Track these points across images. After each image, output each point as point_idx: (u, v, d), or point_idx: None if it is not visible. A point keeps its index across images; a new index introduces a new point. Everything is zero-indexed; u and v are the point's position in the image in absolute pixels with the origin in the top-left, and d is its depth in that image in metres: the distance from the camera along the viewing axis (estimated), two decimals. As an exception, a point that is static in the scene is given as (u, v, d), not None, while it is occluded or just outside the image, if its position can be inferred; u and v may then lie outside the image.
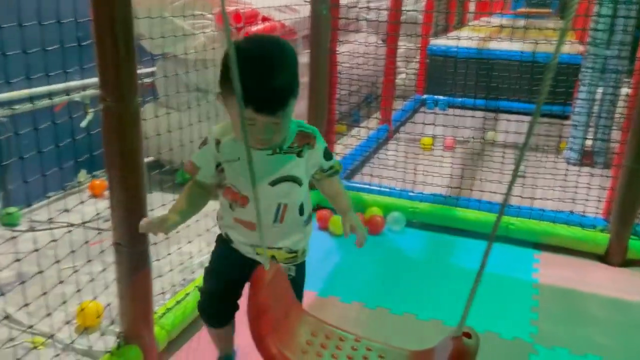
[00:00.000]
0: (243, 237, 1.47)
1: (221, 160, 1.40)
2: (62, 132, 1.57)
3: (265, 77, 1.21)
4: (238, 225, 1.46)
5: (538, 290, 2.45)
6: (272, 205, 1.40)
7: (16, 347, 1.53)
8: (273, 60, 1.23)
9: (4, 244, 2.44)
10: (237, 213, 1.44)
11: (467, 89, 4.09)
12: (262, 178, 1.36)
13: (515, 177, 1.09)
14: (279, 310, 1.29)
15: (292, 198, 1.41)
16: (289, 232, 1.46)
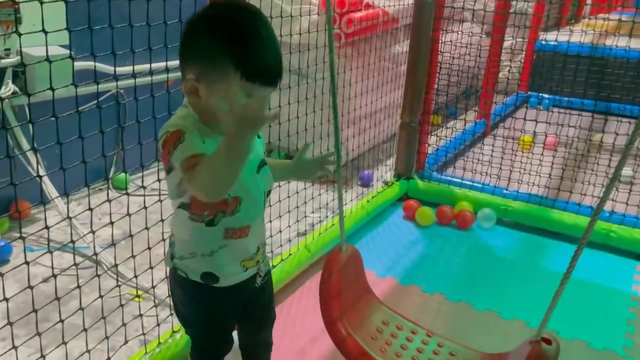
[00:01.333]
0: (232, 255, 1.23)
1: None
2: (173, 107, 1.68)
3: (267, 48, 1.09)
4: (229, 243, 1.21)
5: (636, 303, 2.29)
6: (261, 194, 1.23)
7: (120, 297, 1.68)
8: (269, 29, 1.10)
9: (112, 205, 2.66)
10: (225, 224, 1.19)
11: (576, 88, 3.86)
12: (250, 167, 1.18)
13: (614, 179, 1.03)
14: (351, 294, 1.29)
15: (269, 182, 1.27)
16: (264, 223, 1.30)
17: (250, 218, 1.21)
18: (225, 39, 1.06)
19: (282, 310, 2.12)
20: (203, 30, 1.09)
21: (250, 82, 1.07)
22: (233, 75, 1.06)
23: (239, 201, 1.17)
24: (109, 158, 2.96)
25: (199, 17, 1.11)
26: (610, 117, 3.31)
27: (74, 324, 1.61)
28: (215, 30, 1.07)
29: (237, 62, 1.06)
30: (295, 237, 2.56)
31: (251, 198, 1.19)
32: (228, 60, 1.06)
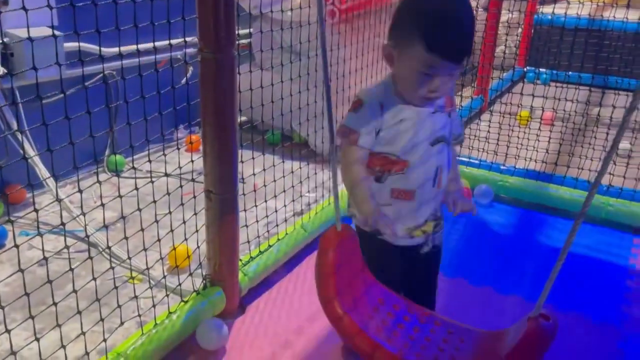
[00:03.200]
0: (398, 215, 1.36)
1: (383, 126, 1.30)
2: (163, 89, 1.66)
3: (453, 23, 1.20)
4: (396, 201, 1.34)
5: (634, 277, 2.29)
6: (432, 167, 1.34)
7: (115, 279, 1.68)
8: (459, 8, 1.22)
9: (107, 187, 2.64)
10: (391, 183, 1.33)
11: (573, 61, 3.82)
12: (424, 136, 1.31)
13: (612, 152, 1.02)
14: (347, 273, 1.27)
15: (445, 160, 1.36)
16: (439, 200, 1.41)
17: (417, 184, 1.33)
18: (419, 11, 1.21)
19: (279, 290, 2.12)
20: (407, 2, 1.26)
21: (431, 54, 1.18)
22: (418, 45, 1.19)
23: (406, 164, 1.31)
24: (103, 140, 2.93)
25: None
26: (607, 90, 3.27)
27: (71, 307, 1.61)
28: (415, 3, 1.24)
29: (424, 33, 1.18)
30: (292, 216, 2.55)
31: (420, 165, 1.31)
32: (416, 31, 1.19)
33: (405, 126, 1.31)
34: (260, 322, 1.93)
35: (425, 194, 1.35)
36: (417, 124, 1.31)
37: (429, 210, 1.39)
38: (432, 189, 1.36)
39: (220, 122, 1.66)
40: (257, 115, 2.43)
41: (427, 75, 1.23)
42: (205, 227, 1.83)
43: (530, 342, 1.09)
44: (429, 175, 1.34)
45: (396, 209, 1.36)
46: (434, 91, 1.25)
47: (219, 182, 1.73)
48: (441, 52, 1.19)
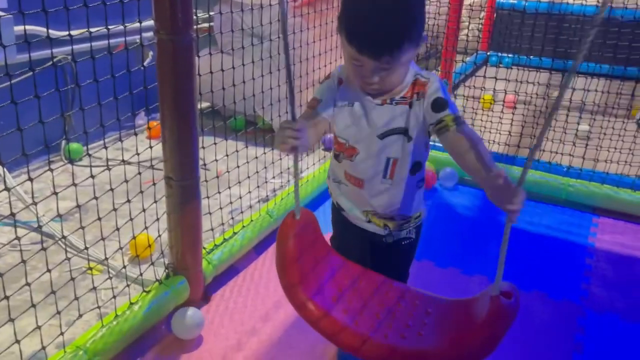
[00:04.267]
0: (353, 198, 1.39)
1: (338, 102, 1.30)
2: (121, 75, 1.60)
3: (372, 17, 1.12)
4: (347, 184, 1.37)
5: (593, 255, 2.35)
6: (381, 157, 1.30)
7: (72, 270, 1.62)
8: (386, 2, 1.12)
9: (65, 176, 2.55)
10: (345, 166, 1.35)
11: (534, 45, 3.87)
12: (370, 130, 1.28)
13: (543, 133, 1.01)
14: (310, 259, 1.25)
15: (403, 153, 1.29)
16: (399, 193, 1.34)
17: (364, 174, 1.33)
18: (346, 4, 1.18)
19: (245, 277, 2.09)
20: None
21: (350, 46, 1.15)
22: (343, 36, 1.17)
23: (355, 151, 1.32)
24: (59, 128, 2.83)
25: None
26: (566, 72, 3.33)
27: (26, 300, 1.55)
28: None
29: (344, 25, 1.17)
30: (257, 203, 2.52)
31: (367, 156, 1.30)
32: (341, 22, 1.17)
33: (350, 112, 1.29)
34: (226, 311, 1.91)
35: (375, 184, 1.33)
36: (362, 114, 1.28)
37: (384, 200, 1.35)
38: (383, 180, 1.32)
39: (179, 106, 1.61)
40: (220, 100, 2.38)
41: (357, 66, 1.19)
42: (167, 214, 1.78)
43: (493, 322, 1.09)
44: (378, 167, 1.31)
45: (351, 191, 1.38)
46: (369, 83, 1.20)
47: (179, 168, 1.68)
48: (357, 46, 1.14)
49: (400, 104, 1.25)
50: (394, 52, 1.13)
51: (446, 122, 1.20)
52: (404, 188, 1.34)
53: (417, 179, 1.35)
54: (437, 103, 1.22)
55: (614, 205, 2.67)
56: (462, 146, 1.16)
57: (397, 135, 1.27)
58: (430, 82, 1.24)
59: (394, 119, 1.26)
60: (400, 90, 1.25)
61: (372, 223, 1.39)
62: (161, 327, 1.78)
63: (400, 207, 1.36)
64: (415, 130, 1.27)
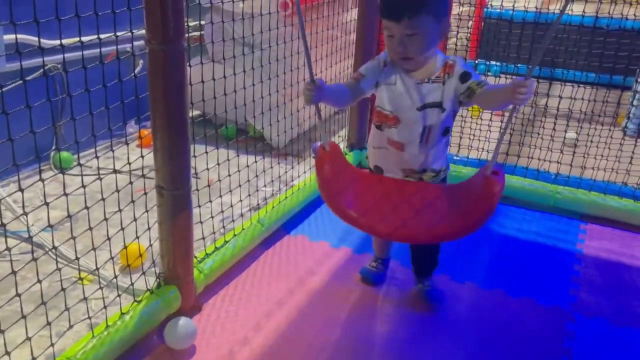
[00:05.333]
0: (393, 159, 1.69)
1: (380, 81, 1.62)
2: (111, 84, 1.59)
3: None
4: (389, 148, 1.68)
5: (581, 261, 2.38)
6: (418, 126, 1.62)
7: (62, 281, 1.61)
8: None
9: (55, 185, 2.54)
10: (388, 133, 1.66)
11: (522, 54, 3.91)
12: (411, 103, 1.60)
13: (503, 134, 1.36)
14: (342, 180, 1.57)
15: (437, 121, 1.61)
16: (433, 153, 1.66)
17: (405, 139, 1.65)
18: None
19: (236, 286, 2.09)
20: None
21: (381, 16, 1.52)
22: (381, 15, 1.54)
23: (397, 120, 1.64)
24: (49, 137, 2.82)
25: None
26: (554, 81, 3.37)
27: (16, 311, 1.54)
28: None
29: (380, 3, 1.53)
30: (248, 211, 2.52)
31: (408, 125, 1.62)
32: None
33: (394, 89, 1.61)
34: (217, 320, 1.90)
35: (414, 148, 1.65)
36: (404, 91, 1.60)
37: (420, 161, 1.67)
38: (420, 145, 1.64)
39: (171, 116, 1.61)
40: (211, 109, 2.38)
41: (389, 37, 1.52)
42: (158, 224, 1.78)
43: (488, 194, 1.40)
44: (417, 133, 1.62)
45: (392, 154, 1.68)
46: (397, 50, 1.51)
47: (171, 177, 1.68)
48: (383, 13, 1.50)
49: (435, 82, 1.59)
50: (412, 16, 1.46)
51: (472, 87, 1.55)
52: (436, 148, 1.67)
53: (445, 140, 1.70)
54: (464, 76, 1.57)
55: (601, 212, 2.70)
56: (486, 98, 1.52)
57: (433, 108, 1.60)
58: (456, 62, 1.59)
59: (430, 95, 1.59)
60: (434, 72, 1.59)
61: (409, 178, 1.70)
62: (153, 337, 1.77)
63: (432, 163, 1.69)
64: (448, 103, 1.60)
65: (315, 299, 2.04)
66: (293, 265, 2.24)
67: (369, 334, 1.87)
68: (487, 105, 1.57)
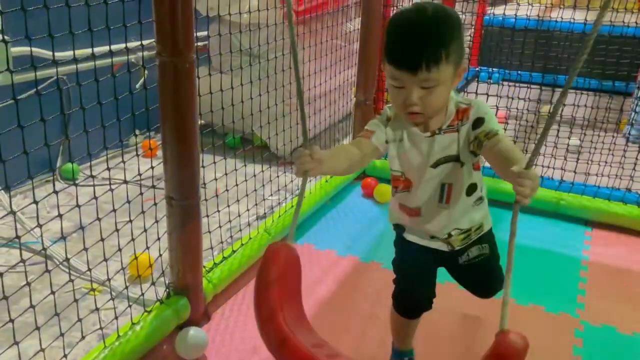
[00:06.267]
0: (412, 224, 1.47)
1: (388, 138, 1.37)
2: (119, 94, 1.61)
3: (408, 32, 1.20)
4: (406, 214, 1.45)
5: (587, 268, 2.39)
6: (435, 185, 1.37)
7: (74, 291, 1.62)
8: (422, 19, 1.21)
9: (62, 197, 2.55)
10: (400, 198, 1.43)
11: (524, 61, 3.95)
12: (422, 160, 1.35)
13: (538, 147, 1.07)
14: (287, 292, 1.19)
15: (457, 178, 1.36)
16: (457, 215, 1.41)
17: (420, 202, 1.40)
18: (388, 23, 1.26)
19: (244, 295, 2.10)
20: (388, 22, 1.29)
21: (390, 64, 1.22)
22: (384, 57, 1.24)
23: (409, 183, 1.39)
24: (55, 148, 2.84)
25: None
26: (557, 88, 3.39)
27: (28, 322, 1.55)
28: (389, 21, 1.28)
29: (385, 44, 1.24)
30: (255, 220, 2.54)
31: (422, 186, 1.37)
32: (384, 49, 1.24)
33: (402, 146, 1.37)
34: (226, 329, 1.91)
35: (431, 210, 1.40)
36: (413, 147, 1.36)
37: (443, 223, 1.42)
38: (438, 205, 1.40)
39: (181, 127, 1.63)
40: (217, 119, 2.40)
41: (397, 89, 1.24)
42: (167, 234, 1.79)
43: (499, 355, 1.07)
44: (434, 194, 1.38)
45: (409, 220, 1.47)
46: (410, 104, 1.23)
47: (180, 188, 1.70)
48: (395, 61, 1.20)
49: (449, 133, 1.33)
50: (431, 66, 1.18)
51: (479, 137, 1.29)
52: (460, 210, 1.41)
53: (473, 199, 1.43)
54: (476, 122, 1.31)
55: (606, 218, 2.71)
56: (497, 158, 1.22)
57: (450, 163, 1.35)
58: (472, 104, 1.33)
59: (444, 148, 1.34)
60: (446, 120, 1.33)
61: (434, 240, 1.47)
62: (163, 346, 1.78)
63: (458, 224, 1.43)
64: (466, 155, 1.34)
65: (322, 308, 2.04)
66: (300, 274, 2.25)
67: (377, 343, 1.88)
68: (495, 169, 1.23)
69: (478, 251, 1.49)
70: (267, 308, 1.14)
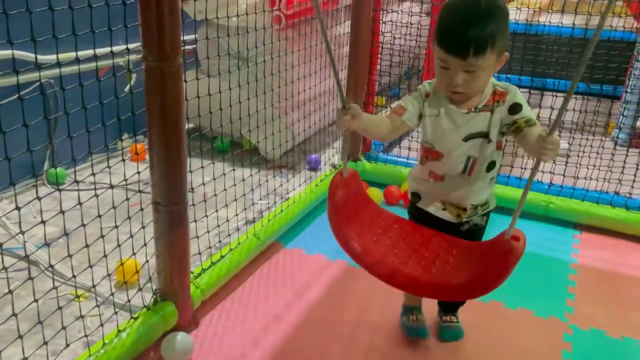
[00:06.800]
0: (433, 191, 1.59)
1: (424, 113, 1.50)
2: (105, 97, 1.60)
3: (460, 21, 1.31)
4: (432, 180, 1.57)
5: (576, 271, 2.39)
6: (462, 157, 1.50)
7: (58, 298, 1.60)
8: (474, 9, 1.31)
9: (48, 201, 2.52)
10: (430, 166, 1.56)
11: (512, 65, 3.95)
12: (456, 134, 1.48)
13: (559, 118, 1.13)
14: (353, 208, 1.49)
15: (482, 153, 1.49)
16: (474, 188, 1.54)
17: (446, 170, 1.53)
18: (442, 8, 1.37)
19: (233, 301, 2.08)
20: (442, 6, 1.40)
21: (440, 47, 1.34)
22: (435, 40, 1.36)
23: (440, 155, 1.51)
24: (41, 153, 2.80)
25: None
26: (546, 92, 3.41)
27: (11, 330, 1.52)
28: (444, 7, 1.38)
29: (437, 27, 1.35)
30: (244, 225, 2.52)
31: (451, 157, 1.50)
32: (435, 32, 1.36)
33: (439, 121, 1.49)
34: (215, 336, 1.89)
35: (455, 179, 1.53)
36: (450, 121, 1.48)
37: (461, 194, 1.55)
38: (462, 176, 1.52)
39: (168, 132, 1.61)
40: (205, 123, 2.39)
41: (443, 69, 1.37)
42: (154, 240, 1.77)
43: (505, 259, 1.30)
44: (460, 165, 1.51)
45: (432, 185, 1.58)
46: (454, 86, 1.37)
47: (168, 193, 1.68)
48: (445, 46, 1.33)
49: (483, 112, 1.46)
50: (479, 53, 1.30)
51: (519, 123, 1.40)
52: (478, 183, 1.54)
53: (490, 176, 1.56)
54: (514, 107, 1.43)
55: (594, 221, 2.72)
56: (525, 141, 1.35)
57: (479, 139, 1.47)
58: (509, 90, 1.45)
59: (477, 124, 1.46)
60: (482, 99, 1.46)
61: (447, 211, 1.60)
62: (150, 353, 1.76)
63: (473, 199, 1.57)
64: (495, 134, 1.47)
65: (312, 313, 2.03)
66: (289, 278, 2.24)
67: (367, 349, 1.87)
68: (524, 149, 1.39)
69: (479, 220, 1.64)
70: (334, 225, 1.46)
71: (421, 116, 1.51)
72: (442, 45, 1.33)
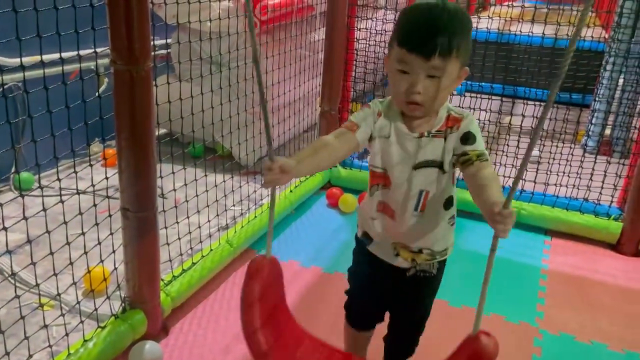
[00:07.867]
0: (383, 230, 1.41)
1: (374, 133, 1.33)
2: (75, 101, 1.56)
3: (426, 19, 1.21)
4: (381, 215, 1.40)
5: (546, 277, 2.42)
6: (413, 190, 1.33)
7: (20, 307, 1.55)
8: (441, 11, 1.21)
9: (15, 207, 2.46)
10: (379, 196, 1.39)
11: (485, 73, 4.02)
12: (406, 160, 1.32)
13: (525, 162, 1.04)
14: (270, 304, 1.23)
15: (437, 186, 1.33)
16: (431, 227, 1.38)
17: (396, 204, 1.36)
18: (402, 13, 1.27)
19: (204, 309, 2.05)
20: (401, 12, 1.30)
21: (401, 47, 1.21)
22: (394, 41, 1.24)
23: (389, 180, 1.35)
24: (8, 158, 2.73)
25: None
26: (517, 100, 3.46)
27: (-29, 341, 1.47)
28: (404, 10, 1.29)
29: (398, 29, 1.24)
30: (217, 231, 2.49)
31: (400, 186, 1.34)
32: (395, 30, 1.25)
33: (388, 143, 1.33)
34: (185, 344, 1.86)
35: (407, 215, 1.36)
36: (398, 145, 1.33)
37: (414, 236, 1.39)
38: (414, 212, 1.35)
39: (137, 137, 1.58)
40: (178, 128, 2.36)
41: (402, 73, 1.22)
42: (123, 246, 1.74)
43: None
44: (410, 198, 1.34)
45: (382, 223, 1.41)
46: (412, 92, 1.22)
47: (137, 199, 1.65)
48: (408, 44, 1.19)
49: (436, 137, 1.31)
50: (445, 53, 1.18)
51: (470, 155, 1.26)
52: (435, 223, 1.37)
53: (449, 214, 1.39)
54: (467, 136, 1.28)
55: (564, 227, 2.77)
56: (478, 183, 1.20)
57: (431, 168, 1.32)
58: (465, 116, 1.31)
59: (429, 152, 1.31)
60: (436, 123, 1.31)
61: (400, 257, 1.42)
62: (117, 363, 1.72)
63: (429, 242, 1.40)
64: (448, 163, 1.31)
65: (285, 320, 2.01)
66: (262, 285, 2.22)
67: (339, 355, 1.85)
68: (472, 195, 1.20)
69: (427, 267, 1.45)
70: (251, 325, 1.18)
71: (371, 137, 1.34)
72: (403, 44, 1.20)
